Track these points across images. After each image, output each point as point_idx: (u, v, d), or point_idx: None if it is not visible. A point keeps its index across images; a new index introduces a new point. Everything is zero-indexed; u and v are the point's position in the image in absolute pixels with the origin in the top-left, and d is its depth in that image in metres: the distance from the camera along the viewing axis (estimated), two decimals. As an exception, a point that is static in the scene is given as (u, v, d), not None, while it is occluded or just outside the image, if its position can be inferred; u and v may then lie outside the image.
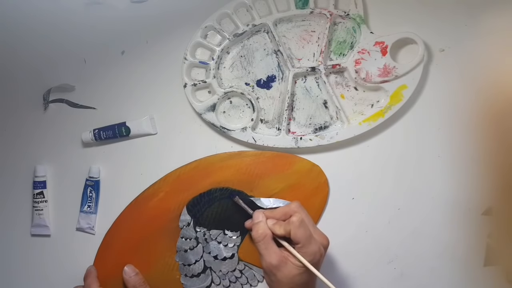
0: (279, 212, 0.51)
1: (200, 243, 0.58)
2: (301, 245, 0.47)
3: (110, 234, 0.60)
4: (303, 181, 0.57)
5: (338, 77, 0.58)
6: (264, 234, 0.49)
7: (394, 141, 0.56)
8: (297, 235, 0.47)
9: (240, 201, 0.55)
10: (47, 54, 0.64)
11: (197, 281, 0.58)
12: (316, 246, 0.48)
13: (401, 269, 0.56)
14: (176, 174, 0.59)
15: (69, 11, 0.63)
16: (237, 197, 0.56)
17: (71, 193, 0.62)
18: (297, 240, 0.47)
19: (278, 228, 0.49)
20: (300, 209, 0.50)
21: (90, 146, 0.62)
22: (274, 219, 0.51)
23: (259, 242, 0.49)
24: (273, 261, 0.47)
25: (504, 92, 0.53)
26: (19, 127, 0.64)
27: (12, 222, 0.64)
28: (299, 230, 0.47)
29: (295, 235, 0.48)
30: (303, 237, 0.47)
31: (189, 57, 0.59)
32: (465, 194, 0.54)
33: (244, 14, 0.59)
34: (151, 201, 0.59)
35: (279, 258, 0.48)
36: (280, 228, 0.49)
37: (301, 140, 0.57)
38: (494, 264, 0.54)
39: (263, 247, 0.49)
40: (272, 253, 0.48)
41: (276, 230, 0.49)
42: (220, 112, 0.59)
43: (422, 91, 0.56)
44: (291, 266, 0.47)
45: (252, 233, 0.51)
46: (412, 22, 0.56)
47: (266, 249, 0.49)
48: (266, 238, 0.49)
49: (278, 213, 0.51)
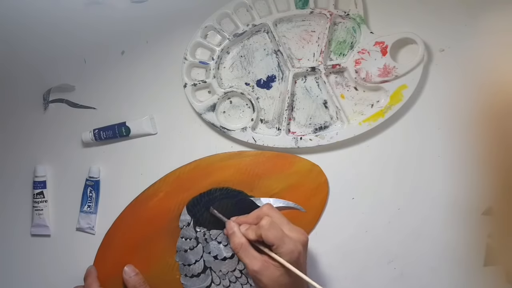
0: (251, 217, 0.52)
1: (200, 243, 0.58)
2: (275, 246, 0.48)
3: (110, 234, 0.60)
4: (303, 181, 0.57)
5: (338, 77, 0.58)
6: (240, 243, 0.50)
7: (394, 141, 0.56)
8: (269, 237, 0.48)
9: (215, 212, 0.56)
10: (47, 54, 0.64)
11: (197, 281, 0.58)
12: (291, 245, 0.48)
13: (401, 269, 0.56)
14: (176, 174, 0.59)
15: (69, 11, 0.63)
16: (211, 207, 0.56)
17: (71, 193, 0.62)
18: (270, 242, 0.48)
19: (251, 233, 0.50)
20: (271, 211, 0.51)
21: (90, 146, 0.62)
22: (247, 223, 0.51)
23: (238, 252, 0.50)
24: (255, 267, 0.48)
25: (504, 92, 0.53)
26: (19, 127, 0.64)
27: (12, 222, 0.64)
28: (270, 232, 0.48)
29: (267, 237, 0.48)
30: (275, 238, 0.48)
31: (189, 57, 0.59)
32: (465, 194, 0.54)
33: (244, 14, 0.59)
34: (151, 201, 0.59)
35: (260, 263, 0.48)
36: (252, 233, 0.50)
37: (301, 140, 0.57)
38: (494, 264, 0.54)
39: (243, 255, 0.49)
40: (252, 260, 0.48)
41: (250, 235, 0.50)
42: (220, 112, 0.59)
43: (422, 91, 0.56)
44: (273, 268, 0.48)
45: (230, 244, 0.51)
46: (412, 22, 0.56)
47: (246, 257, 0.49)
48: (243, 246, 0.49)
49: (251, 218, 0.52)
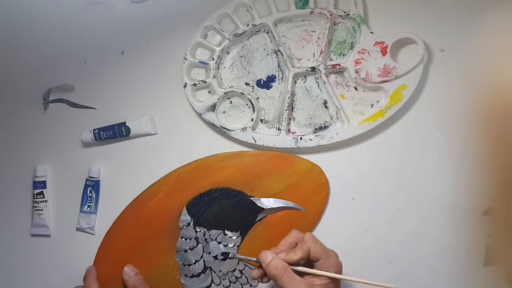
0: (283, 245, 0.50)
1: (200, 243, 0.58)
2: (322, 260, 0.47)
3: (110, 234, 0.60)
4: (303, 181, 0.57)
5: (338, 77, 0.58)
6: (283, 267, 0.47)
7: (394, 141, 0.56)
8: (317, 251, 0.47)
9: (238, 255, 0.54)
10: (47, 54, 0.64)
11: (197, 281, 0.58)
12: (334, 257, 0.48)
13: (401, 269, 0.56)
14: (176, 174, 0.59)
15: (69, 11, 0.63)
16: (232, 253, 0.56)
17: (71, 193, 0.62)
18: (318, 255, 0.47)
19: (293, 254, 0.48)
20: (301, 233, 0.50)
21: (90, 146, 0.62)
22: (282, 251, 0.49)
23: (282, 276, 0.47)
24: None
25: (504, 92, 0.53)
26: (19, 127, 0.64)
27: (12, 222, 0.64)
28: (317, 244, 0.47)
29: (315, 250, 0.47)
30: (322, 251, 0.47)
31: (189, 57, 0.59)
32: (465, 194, 0.54)
33: (244, 14, 0.59)
34: (151, 201, 0.59)
35: (306, 286, 0.47)
36: (296, 253, 0.48)
37: (301, 140, 0.57)
38: (494, 264, 0.54)
39: (288, 281, 0.47)
40: (297, 284, 0.47)
41: (293, 256, 0.48)
42: (220, 112, 0.59)
43: (422, 91, 0.56)
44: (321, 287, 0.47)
45: (270, 273, 0.48)
46: (412, 22, 0.56)
47: (291, 281, 0.47)
48: (287, 270, 0.47)
49: (283, 246, 0.50)
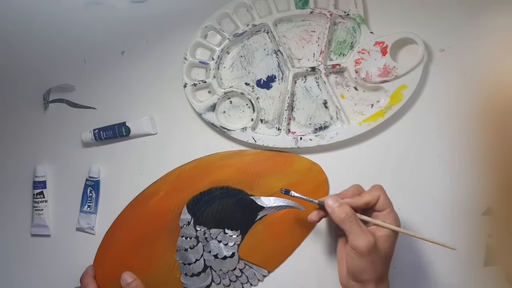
0: (349, 192, 0.50)
1: (200, 242, 0.58)
2: (388, 211, 0.47)
3: (110, 234, 0.60)
4: (303, 179, 0.57)
5: (338, 77, 0.58)
6: (352, 212, 0.47)
7: (394, 141, 0.56)
8: (386, 200, 0.47)
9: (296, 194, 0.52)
10: (47, 54, 0.64)
11: (198, 280, 0.58)
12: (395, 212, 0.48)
13: (401, 269, 0.56)
14: (176, 173, 0.59)
15: (69, 11, 0.63)
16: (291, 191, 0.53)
17: (71, 193, 0.62)
18: (385, 205, 0.47)
19: (358, 200, 0.47)
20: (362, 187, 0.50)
21: (90, 146, 0.62)
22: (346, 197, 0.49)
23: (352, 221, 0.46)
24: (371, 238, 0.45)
25: (504, 92, 0.53)
26: (19, 127, 0.64)
27: (12, 222, 0.64)
28: (386, 195, 0.47)
29: (384, 198, 0.47)
30: (389, 202, 0.47)
31: (189, 57, 0.59)
32: (465, 194, 0.54)
33: (244, 14, 0.59)
34: (151, 200, 0.59)
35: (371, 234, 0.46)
36: (362, 198, 0.47)
37: (301, 140, 0.57)
38: (494, 264, 0.54)
39: (356, 226, 0.46)
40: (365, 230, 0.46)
41: (360, 200, 0.47)
42: (220, 112, 0.59)
43: (422, 91, 0.56)
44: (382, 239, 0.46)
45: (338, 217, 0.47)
46: (412, 22, 0.56)
47: (359, 227, 0.46)
48: (356, 216, 0.47)
49: (349, 192, 0.50)
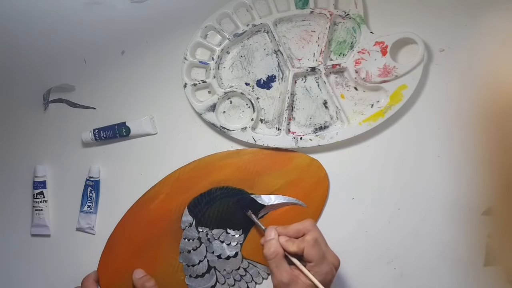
0: (292, 229, 0.51)
1: (203, 243, 0.58)
2: (313, 264, 0.47)
3: (113, 239, 0.60)
4: (303, 176, 0.57)
5: (338, 77, 0.58)
6: (276, 252, 0.49)
7: (394, 141, 0.56)
8: (310, 254, 0.47)
9: (252, 216, 0.55)
10: (48, 53, 0.64)
11: (202, 281, 0.58)
12: (328, 266, 0.48)
13: (401, 269, 0.56)
14: (176, 175, 0.59)
15: (69, 11, 0.63)
16: (250, 211, 0.56)
17: (71, 193, 0.62)
18: (310, 258, 0.47)
19: (291, 245, 0.49)
20: (315, 228, 0.50)
21: (90, 146, 0.62)
22: (286, 236, 0.51)
23: (271, 260, 0.49)
24: (284, 279, 0.47)
25: (504, 92, 0.53)
26: (19, 127, 0.64)
27: (12, 222, 0.64)
28: (313, 249, 0.47)
29: (308, 253, 0.47)
30: (316, 256, 0.47)
31: (189, 57, 0.59)
32: (465, 194, 0.54)
33: (244, 14, 0.59)
34: (152, 203, 0.59)
35: (290, 277, 0.47)
36: (293, 246, 0.49)
37: (301, 140, 0.57)
38: (494, 264, 0.54)
39: (274, 265, 0.49)
40: (283, 271, 0.48)
41: (289, 247, 0.49)
42: (220, 112, 0.59)
43: (422, 91, 0.56)
44: (301, 285, 0.47)
45: (264, 250, 0.50)
46: (412, 22, 0.56)
47: (277, 267, 0.48)
48: (278, 256, 0.49)
49: (291, 230, 0.51)
